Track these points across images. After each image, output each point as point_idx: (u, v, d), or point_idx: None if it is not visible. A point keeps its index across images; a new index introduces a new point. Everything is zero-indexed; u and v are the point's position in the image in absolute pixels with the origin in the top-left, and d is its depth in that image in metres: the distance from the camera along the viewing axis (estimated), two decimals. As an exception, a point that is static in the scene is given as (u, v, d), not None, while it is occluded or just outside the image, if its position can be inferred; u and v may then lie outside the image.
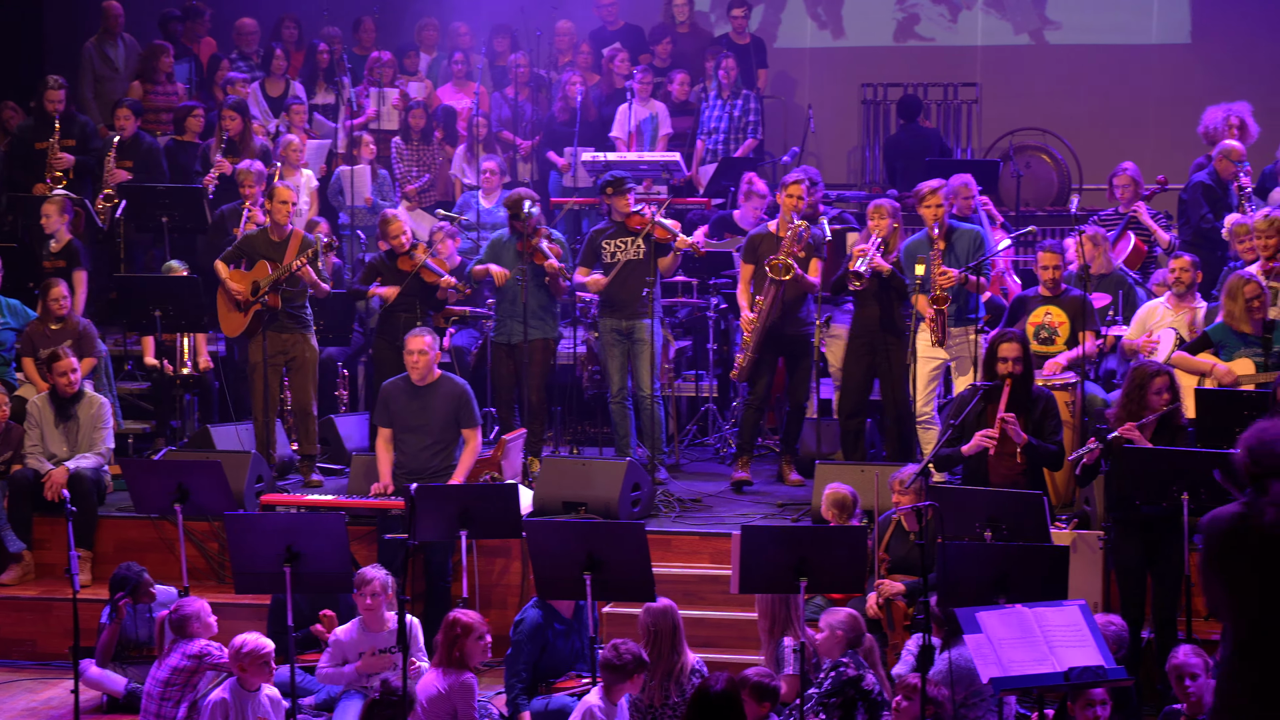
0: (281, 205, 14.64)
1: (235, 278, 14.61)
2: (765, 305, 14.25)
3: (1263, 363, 12.94)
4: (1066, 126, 19.94)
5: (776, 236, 14.43)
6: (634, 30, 20.03)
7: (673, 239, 14.37)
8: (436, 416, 13.23)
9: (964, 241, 13.99)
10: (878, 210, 14.18)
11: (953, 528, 11.10)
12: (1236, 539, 6.95)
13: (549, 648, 11.38)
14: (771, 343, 14.44)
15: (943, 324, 13.79)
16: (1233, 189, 15.69)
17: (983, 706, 10.42)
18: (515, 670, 11.31)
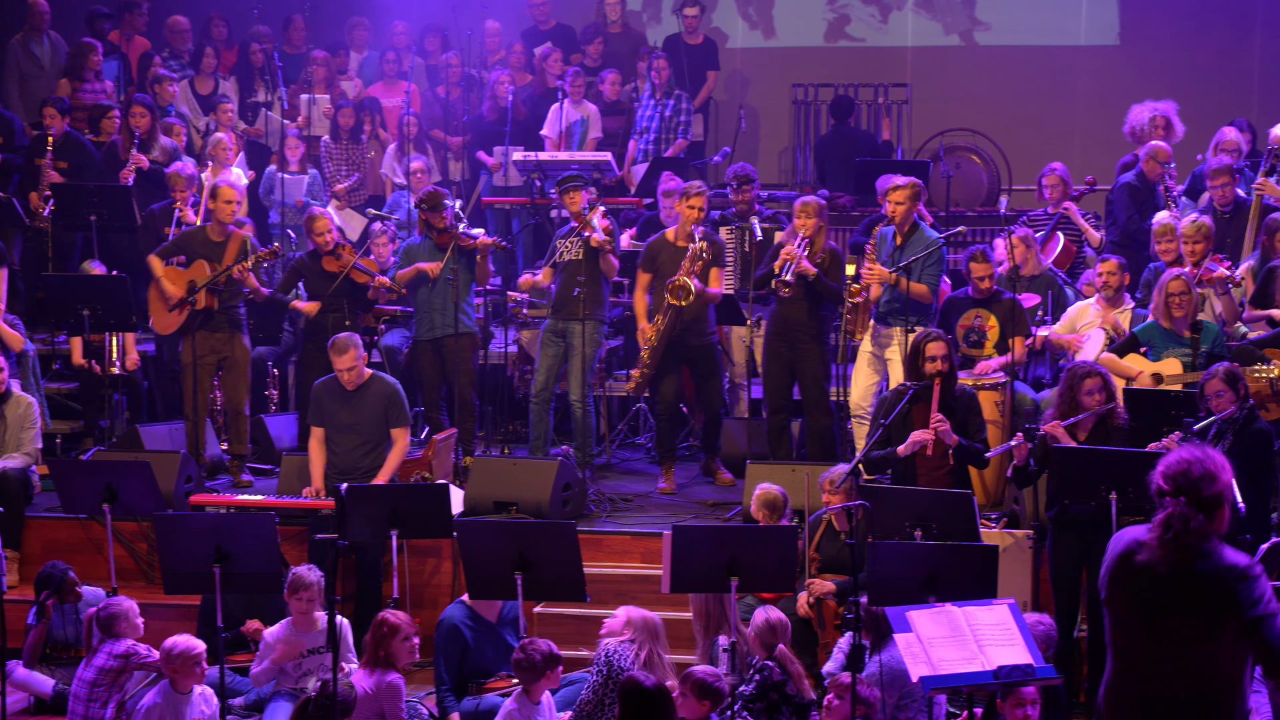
0: (226, 205, 14.56)
1: (171, 276, 14.52)
2: (664, 326, 14.26)
3: (1190, 363, 13.01)
4: (996, 127, 20.02)
5: (675, 246, 14.41)
6: (566, 30, 20.02)
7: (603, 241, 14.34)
8: (367, 416, 13.21)
9: (918, 245, 13.95)
10: (804, 209, 14.14)
11: (883, 527, 11.14)
12: (1130, 559, 7.05)
13: (470, 650, 11.38)
14: (674, 352, 14.47)
15: (858, 317, 13.81)
16: (1159, 189, 15.77)
17: (914, 707, 10.46)
18: (439, 671, 11.32)
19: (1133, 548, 7.04)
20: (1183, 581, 6.88)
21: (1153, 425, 12.16)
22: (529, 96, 19.00)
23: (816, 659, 11.56)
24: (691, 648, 11.65)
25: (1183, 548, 6.87)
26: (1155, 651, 6.96)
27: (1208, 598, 6.84)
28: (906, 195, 13.96)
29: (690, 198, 14.35)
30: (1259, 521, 11.15)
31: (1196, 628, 6.86)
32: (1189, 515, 6.88)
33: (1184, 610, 6.88)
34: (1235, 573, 6.85)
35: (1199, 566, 6.87)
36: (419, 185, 17.19)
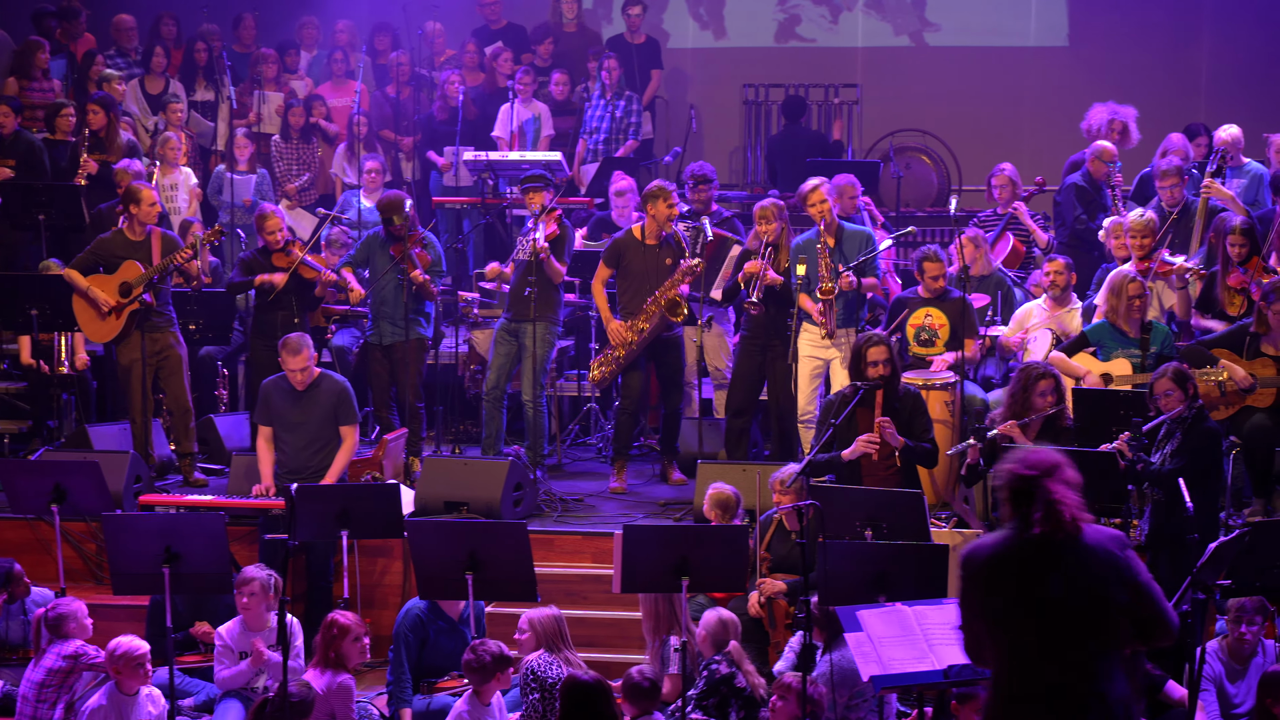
0: (150, 208, 14.47)
1: (99, 283, 14.40)
2: (650, 330, 14.27)
3: (1139, 363, 13.07)
4: (946, 128, 20.07)
5: (644, 244, 14.40)
6: (516, 29, 19.99)
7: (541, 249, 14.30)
8: (316, 415, 13.19)
9: (854, 242, 14.00)
10: (764, 213, 14.15)
11: (834, 527, 11.15)
12: (1002, 565, 7.12)
13: (430, 644, 11.37)
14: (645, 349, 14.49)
15: (831, 317, 13.83)
16: (1106, 189, 15.84)
17: (865, 707, 10.48)
18: (398, 665, 11.29)
19: (1003, 545, 7.14)
20: (1074, 552, 7.02)
21: (1102, 425, 12.24)
22: (479, 96, 18.97)
23: (768, 658, 11.57)
24: (642, 648, 11.67)
25: (1069, 515, 7.01)
26: (1063, 639, 7.02)
27: (1100, 563, 7.02)
28: (821, 197, 14.01)
29: (662, 200, 14.32)
30: (1207, 521, 11.19)
31: (1105, 605, 7.01)
32: (1064, 489, 7.05)
33: (1082, 580, 7.01)
34: (1120, 540, 7.11)
35: (1086, 538, 7.04)
36: (372, 185, 17.15)
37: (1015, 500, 7.12)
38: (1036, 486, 7.06)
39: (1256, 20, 20.16)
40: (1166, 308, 14.05)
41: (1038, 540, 7.04)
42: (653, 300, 14.21)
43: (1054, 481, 7.05)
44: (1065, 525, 7.01)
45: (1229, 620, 10.52)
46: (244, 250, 16.74)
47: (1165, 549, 11.35)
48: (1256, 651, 10.51)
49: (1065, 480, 7.07)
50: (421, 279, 14.56)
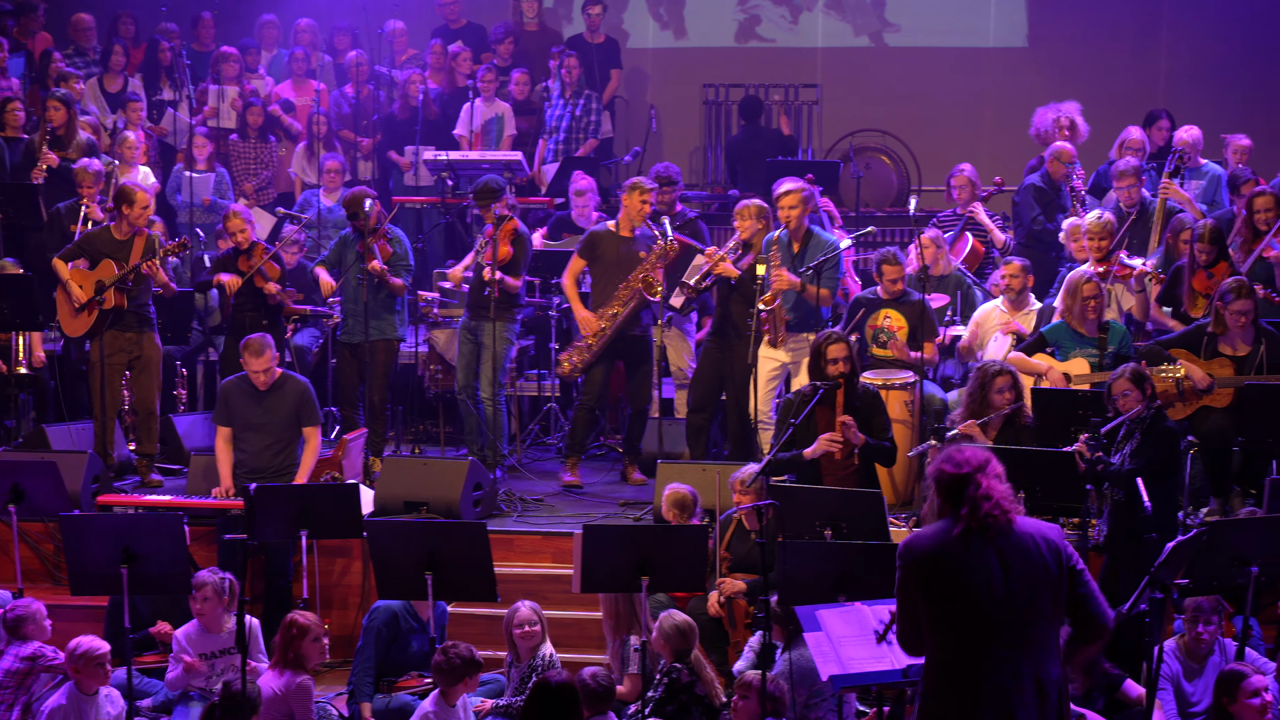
0: (143, 211, 14.43)
1: (77, 277, 14.39)
2: (623, 315, 14.27)
3: (1097, 362, 13.11)
4: (905, 128, 20.13)
5: (619, 236, 14.45)
6: (476, 29, 19.98)
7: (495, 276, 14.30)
8: (278, 415, 13.17)
9: (818, 249, 13.99)
10: (744, 212, 14.17)
11: (793, 526, 11.19)
12: (940, 559, 7.36)
13: (399, 642, 11.36)
14: (610, 345, 14.49)
15: (775, 324, 13.85)
16: (1065, 190, 15.89)
17: (824, 706, 10.49)
18: (364, 659, 11.28)
19: (942, 540, 7.37)
20: (1012, 544, 7.30)
21: (1060, 424, 12.28)
22: (439, 95, 18.95)
23: (727, 658, 11.60)
24: (603, 647, 11.67)
25: (1001, 511, 7.30)
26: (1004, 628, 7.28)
27: (1038, 554, 7.30)
28: (798, 200, 14.01)
29: (643, 192, 14.36)
30: (1165, 521, 11.23)
31: (1043, 592, 7.29)
32: (995, 483, 7.34)
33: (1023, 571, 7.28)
34: (1054, 530, 7.40)
35: (1020, 529, 7.33)
36: (331, 184, 17.12)
37: (947, 496, 7.39)
38: (967, 482, 7.33)
39: (1214, 22, 20.25)
40: (1125, 309, 14.09)
41: (974, 532, 7.29)
42: (625, 286, 14.21)
43: (984, 476, 7.33)
44: (998, 518, 7.27)
45: (1186, 620, 10.56)
46: (201, 250, 16.69)
47: (1124, 549, 11.39)
48: (1213, 650, 10.54)
49: (994, 474, 7.35)
50: (379, 269, 14.54)
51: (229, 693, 10.08)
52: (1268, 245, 13.82)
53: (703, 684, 10.59)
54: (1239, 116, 18.68)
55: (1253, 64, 20.13)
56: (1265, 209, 13.95)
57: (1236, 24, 20.18)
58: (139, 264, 14.22)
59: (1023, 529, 7.34)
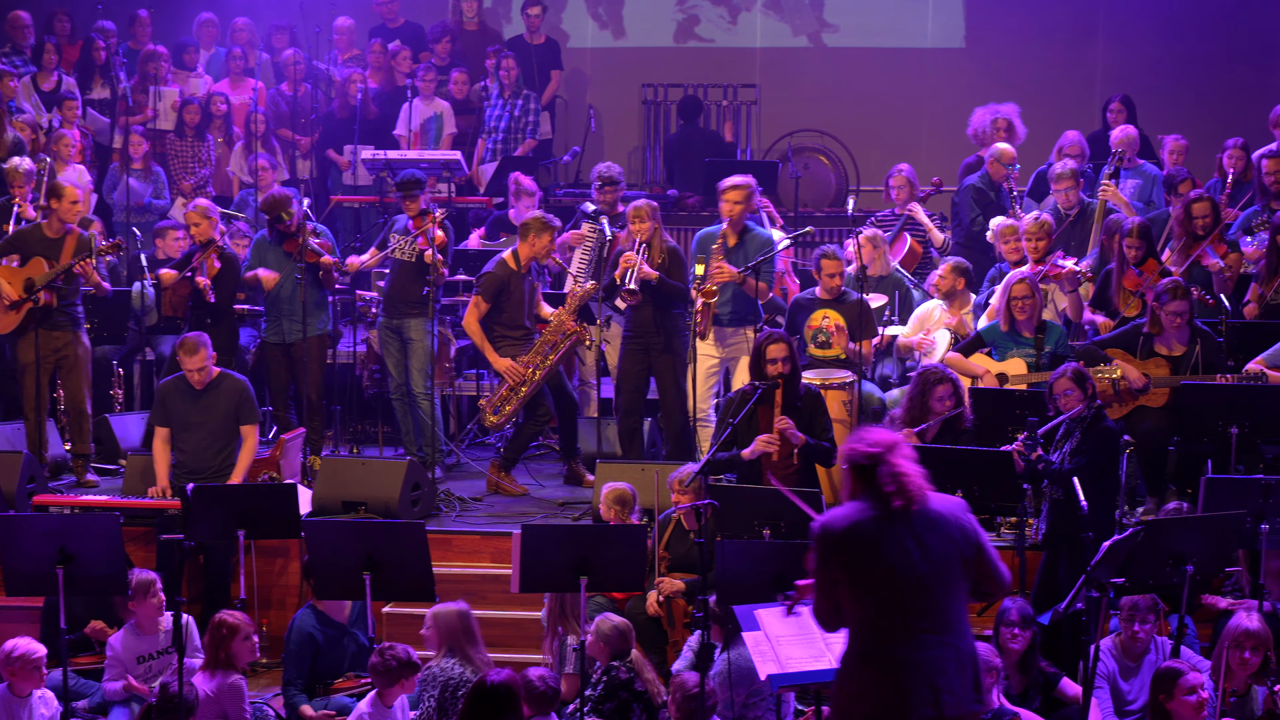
0: (72, 205, 14.35)
1: (6, 275, 14.30)
2: (555, 362, 14.22)
3: (1034, 363, 13.16)
4: (844, 128, 20.17)
5: (520, 273, 14.20)
6: (414, 28, 19.94)
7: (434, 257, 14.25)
8: (217, 414, 13.14)
9: (755, 245, 14.02)
10: (636, 213, 14.15)
11: (732, 526, 11.19)
12: (858, 538, 7.59)
13: (321, 653, 11.32)
14: None
15: (707, 319, 13.86)
16: (1004, 191, 15.95)
17: (762, 706, 10.51)
18: (289, 674, 11.25)
19: (859, 518, 7.62)
20: (927, 520, 7.60)
21: (998, 424, 12.33)
22: (377, 94, 18.91)
23: (666, 657, 11.60)
24: (538, 647, 11.68)
25: (917, 487, 7.60)
26: (923, 601, 7.56)
27: (951, 528, 7.63)
28: (742, 195, 14.04)
29: (547, 236, 14.28)
30: (1103, 520, 11.28)
31: (956, 567, 7.60)
32: (907, 463, 7.63)
33: (940, 546, 7.59)
34: (961, 506, 7.73)
35: (933, 506, 7.63)
36: (264, 183, 17.06)
37: (860, 476, 7.66)
38: (879, 462, 7.59)
39: (1150, 23, 20.36)
40: (1060, 309, 14.16)
41: (890, 512, 7.55)
42: (551, 330, 14.14)
43: (897, 457, 7.62)
44: (914, 496, 7.55)
45: (1122, 618, 10.61)
46: (137, 249, 16.58)
47: (1063, 548, 11.43)
48: (1149, 649, 10.60)
49: (905, 455, 7.65)
50: (333, 260, 14.55)
51: (166, 694, 10.03)
52: (1203, 253, 13.91)
53: (643, 681, 10.58)
54: (1174, 117, 18.78)
55: (1188, 65, 20.24)
56: (1203, 215, 14.04)
57: (1172, 25, 20.29)
58: (72, 263, 14.14)
59: (935, 507, 7.64)
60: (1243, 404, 12.27)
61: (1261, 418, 12.27)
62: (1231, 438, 12.14)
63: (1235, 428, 12.15)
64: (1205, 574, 10.29)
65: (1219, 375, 12.66)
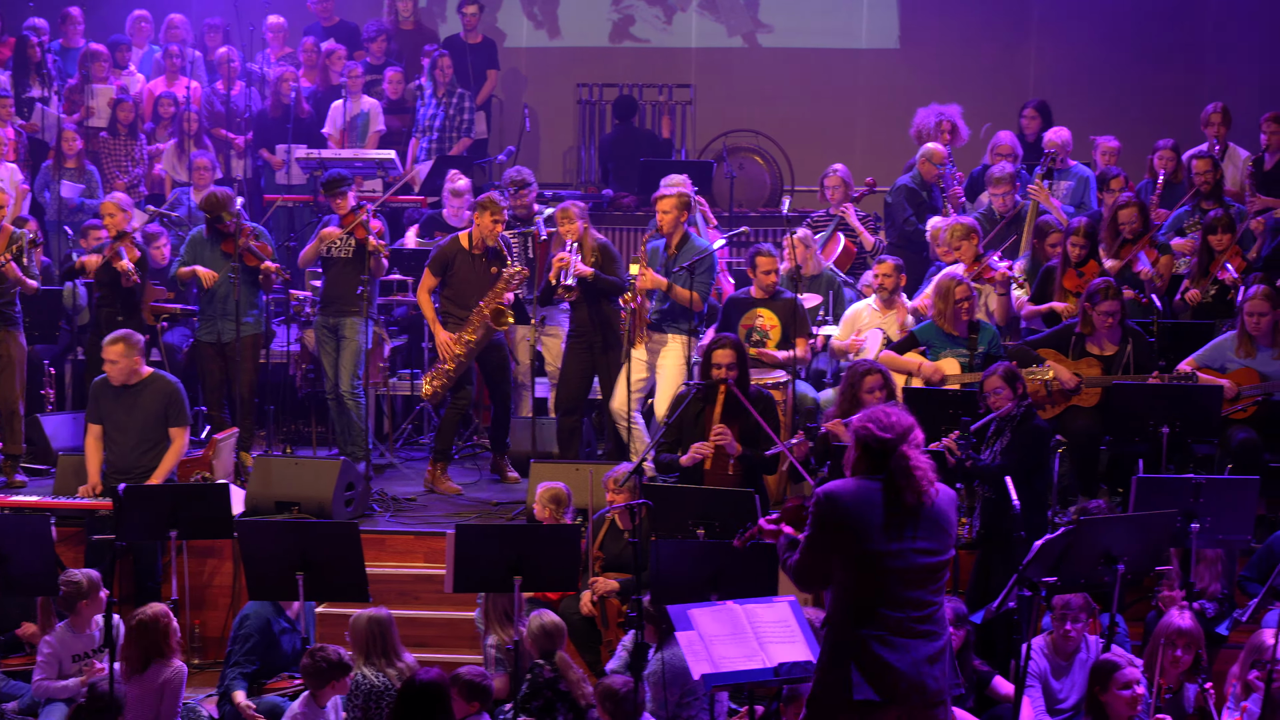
0: None
1: (-66, 276, 14.23)
2: (476, 343, 14.23)
3: (968, 362, 13.21)
4: (779, 128, 20.20)
5: (471, 254, 14.36)
6: (349, 27, 19.88)
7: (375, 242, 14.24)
8: (146, 414, 13.06)
9: (692, 255, 14.00)
10: (564, 215, 14.19)
11: (666, 526, 11.20)
12: (863, 514, 7.68)
13: (275, 644, 11.27)
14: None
15: (638, 323, 13.87)
16: (936, 191, 16.01)
17: (696, 705, 10.51)
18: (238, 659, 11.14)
19: (870, 499, 7.70)
20: (932, 513, 7.73)
21: (931, 424, 12.36)
22: (312, 93, 18.85)
23: (600, 657, 11.60)
24: (475, 648, 11.66)
25: (930, 483, 7.69)
26: (917, 589, 7.72)
27: (948, 524, 7.79)
28: (673, 205, 14.05)
29: (490, 213, 14.30)
30: (1035, 519, 11.33)
31: (943, 560, 7.77)
32: (919, 454, 7.72)
33: (939, 539, 7.75)
34: (955, 499, 7.84)
35: (940, 499, 7.76)
36: (201, 182, 16.99)
37: (869, 456, 7.71)
38: (892, 450, 7.65)
39: (1083, 25, 20.48)
40: (990, 310, 14.22)
41: (901, 503, 7.64)
42: (476, 311, 14.18)
43: (910, 447, 7.67)
44: (925, 491, 7.64)
45: (1054, 617, 10.65)
46: (70, 248, 16.52)
47: (995, 546, 11.48)
48: (1080, 648, 10.64)
49: (916, 444, 7.71)
50: (274, 267, 14.51)
51: (95, 694, 9.97)
52: (1135, 258, 13.99)
53: (567, 682, 10.56)
54: (1107, 118, 18.89)
55: (1120, 67, 20.36)
56: (1129, 220, 14.13)
57: (1104, 27, 20.40)
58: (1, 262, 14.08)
59: (939, 502, 7.74)
60: (1174, 404, 12.35)
61: (1192, 417, 12.35)
62: (1163, 437, 12.21)
63: (1166, 427, 12.22)
64: (1136, 573, 10.34)
65: (1150, 375, 12.73)
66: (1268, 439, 12.72)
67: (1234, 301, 13.60)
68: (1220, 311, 13.89)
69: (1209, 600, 11.32)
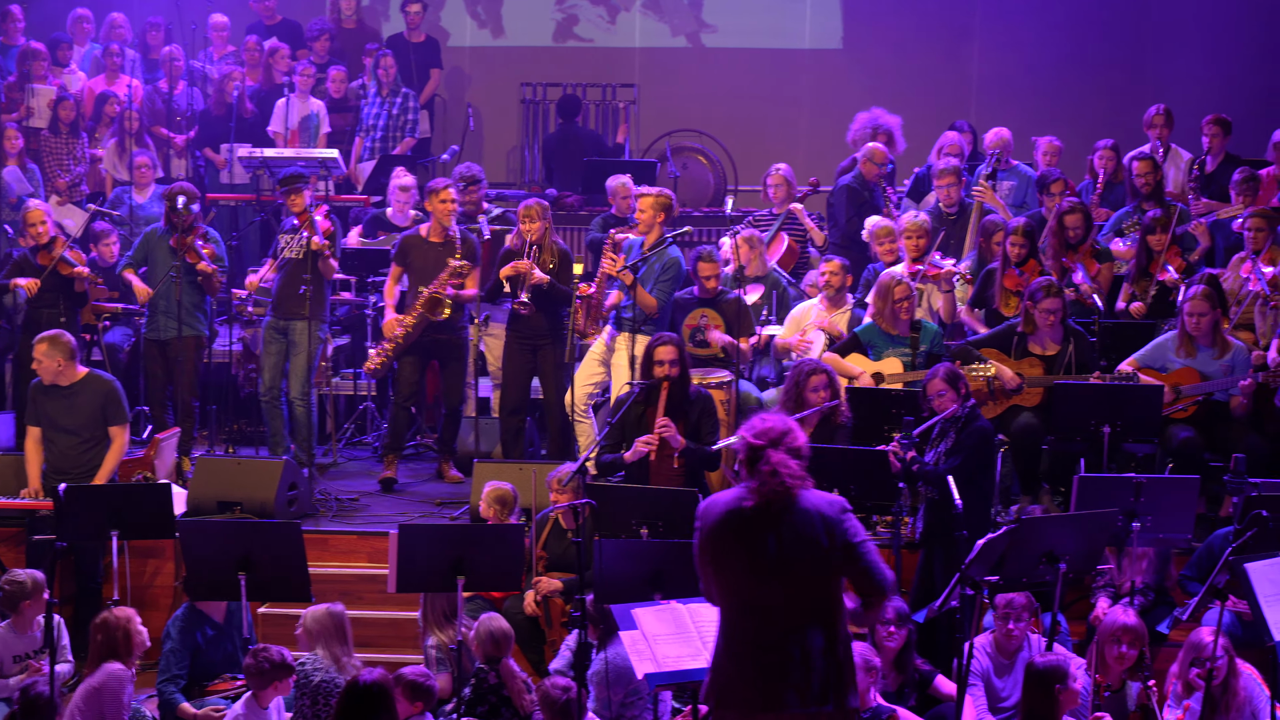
0: None
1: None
2: (414, 326, 14.21)
3: (910, 362, 13.25)
4: (722, 128, 20.23)
5: (429, 242, 14.38)
6: (291, 26, 19.83)
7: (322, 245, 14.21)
8: (84, 414, 12.98)
9: (660, 259, 13.99)
10: (528, 213, 14.20)
11: (610, 525, 11.21)
12: (729, 523, 7.67)
13: (200, 653, 11.21)
14: (423, 347, 14.45)
15: (586, 313, 13.87)
16: (878, 191, 16.05)
17: (640, 705, 10.51)
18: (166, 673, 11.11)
19: (733, 505, 7.68)
20: (792, 518, 7.60)
21: (875, 424, 12.41)
22: (254, 92, 18.79)
23: (544, 657, 11.60)
24: (418, 648, 11.64)
25: (783, 486, 7.59)
26: (772, 595, 7.61)
27: (815, 529, 7.60)
28: (650, 204, 14.05)
29: (440, 192, 14.32)
30: (978, 519, 11.35)
31: (813, 564, 7.59)
32: (785, 458, 7.61)
33: (796, 544, 7.58)
34: (836, 505, 7.66)
35: (803, 504, 7.61)
36: (143, 180, 16.91)
37: (746, 463, 7.69)
38: (760, 454, 7.61)
39: (1025, 26, 20.57)
40: (934, 309, 14.27)
41: (760, 504, 7.59)
42: (421, 297, 14.18)
43: (778, 450, 7.62)
44: (783, 493, 7.57)
45: (997, 616, 10.69)
46: (10, 248, 16.45)
47: (938, 546, 11.51)
48: (1023, 647, 10.68)
49: (789, 448, 7.64)
50: (210, 269, 14.44)
51: (27, 697, 9.90)
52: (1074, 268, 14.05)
53: (510, 691, 10.54)
54: (1048, 119, 18.97)
55: (1062, 68, 20.46)
56: (1075, 226, 14.18)
57: (1046, 29, 20.50)
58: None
59: (805, 503, 7.62)
60: (1115, 403, 12.40)
61: (1133, 417, 12.40)
62: (1104, 437, 12.26)
63: (1107, 427, 12.27)
64: (1078, 572, 10.38)
65: (1092, 375, 12.79)
66: (1208, 438, 12.78)
67: (1175, 302, 13.66)
68: (1161, 312, 13.95)
69: (1139, 596, 11.37)
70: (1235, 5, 20.36)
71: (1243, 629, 10.88)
